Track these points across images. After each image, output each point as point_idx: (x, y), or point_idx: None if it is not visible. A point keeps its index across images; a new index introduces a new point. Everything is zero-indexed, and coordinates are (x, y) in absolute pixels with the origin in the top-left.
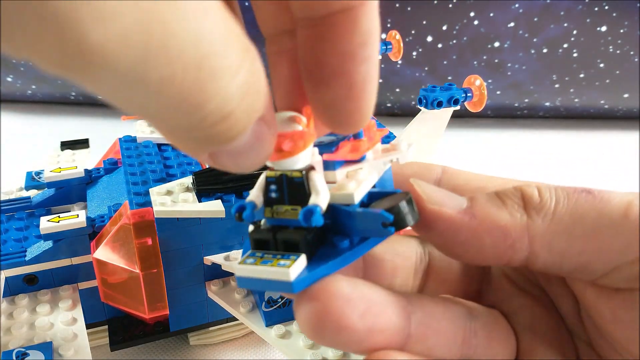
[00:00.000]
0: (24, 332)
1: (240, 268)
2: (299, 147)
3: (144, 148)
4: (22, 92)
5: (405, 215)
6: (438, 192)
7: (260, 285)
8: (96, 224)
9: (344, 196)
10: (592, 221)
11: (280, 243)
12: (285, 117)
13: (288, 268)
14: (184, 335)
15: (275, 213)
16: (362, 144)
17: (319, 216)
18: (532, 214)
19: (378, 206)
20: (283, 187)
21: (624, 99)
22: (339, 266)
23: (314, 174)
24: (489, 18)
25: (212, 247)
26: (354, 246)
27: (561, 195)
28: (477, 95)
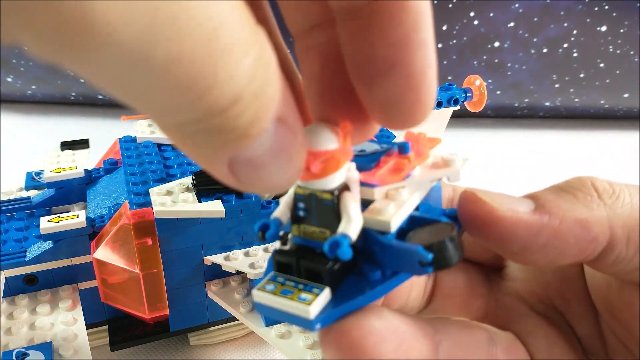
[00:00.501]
0: (24, 332)
1: (259, 295)
2: (330, 170)
3: (144, 148)
4: (22, 92)
5: (448, 254)
6: (506, 197)
7: (278, 316)
8: (96, 224)
9: (380, 223)
10: None
11: (303, 270)
12: (319, 130)
13: (308, 305)
14: (184, 335)
15: (302, 232)
16: (405, 164)
17: (347, 249)
18: (611, 204)
19: (418, 238)
20: (312, 207)
21: (624, 98)
22: (367, 302)
23: (346, 197)
24: (489, 18)
25: (212, 247)
26: (385, 279)
27: (633, 190)
28: (477, 95)
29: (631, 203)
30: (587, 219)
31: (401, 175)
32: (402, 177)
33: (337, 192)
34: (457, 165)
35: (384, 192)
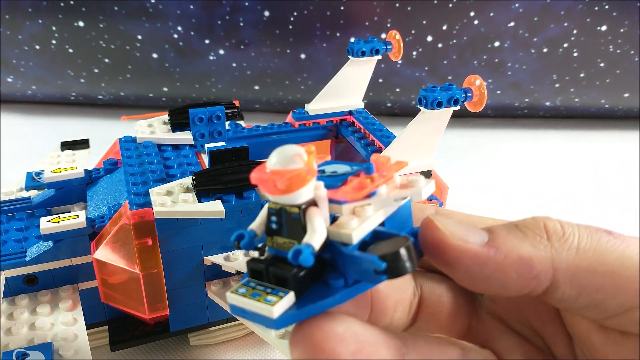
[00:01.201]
0: (24, 333)
1: (231, 297)
2: (295, 187)
3: (143, 148)
4: (23, 92)
5: (401, 263)
6: (459, 227)
7: (247, 316)
8: (96, 224)
9: (342, 235)
10: (613, 261)
11: (271, 276)
12: (289, 154)
13: (272, 306)
14: (184, 335)
15: (275, 243)
16: (368, 183)
17: (309, 256)
18: (557, 246)
19: (376, 250)
20: (282, 220)
21: (624, 98)
22: (328, 306)
23: (312, 212)
24: (489, 18)
25: (212, 247)
26: (347, 287)
27: (584, 232)
28: (477, 95)
29: (578, 247)
30: (530, 258)
31: (363, 193)
32: (363, 194)
33: (303, 207)
34: (420, 185)
35: (351, 208)
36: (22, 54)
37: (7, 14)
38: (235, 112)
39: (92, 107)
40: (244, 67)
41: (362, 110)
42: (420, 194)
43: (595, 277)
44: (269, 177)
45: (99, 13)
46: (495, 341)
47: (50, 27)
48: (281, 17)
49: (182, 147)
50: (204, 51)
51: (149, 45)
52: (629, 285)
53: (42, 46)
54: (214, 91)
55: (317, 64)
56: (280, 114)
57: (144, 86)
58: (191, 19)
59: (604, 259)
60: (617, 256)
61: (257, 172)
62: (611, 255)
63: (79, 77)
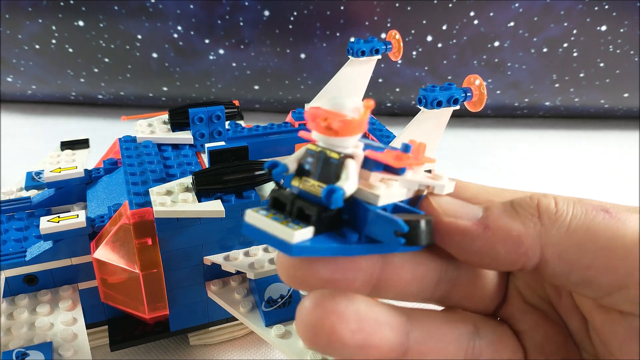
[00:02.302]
0: (24, 333)
1: (252, 215)
2: (346, 132)
3: (143, 148)
4: (22, 92)
5: (421, 233)
6: (452, 204)
7: (263, 237)
8: (96, 224)
9: (371, 195)
10: (605, 239)
11: (295, 209)
12: (349, 102)
13: (294, 231)
14: (184, 335)
15: (302, 184)
16: (406, 157)
17: (340, 197)
18: (546, 224)
19: (398, 216)
20: (319, 162)
21: (624, 98)
22: (341, 254)
23: (349, 162)
24: (489, 18)
25: (212, 247)
26: (360, 243)
27: (579, 210)
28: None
29: (568, 225)
30: (519, 235)
31: (401, 163)
32: (401, 164)
33: (343, 155)
34: (444, 181)
35: (378, 178)
36: (22, 54)
37: (7, 14)
38: (235, 112)
39: (92, 106)
40: (243, 66)
41: None
42: (443, 187)
43: (584, 254)
44: (324, 114)
45: (99, 12)
46: (517, 319)
47: (50, 26)
48: (281, 16)
49: (182, 147)
50: (203, 51)
51: (149, 44)
52: (619, 264)
53: (42, 46)
54: (214, 91)
55: (317, 64)
56: (280, 113)
57: (143, 86)
58: (191, 18)
59: (595, 237)
60: (609, 235)
61: (314, 109)
62: (603, 233)
63: (78, 77)
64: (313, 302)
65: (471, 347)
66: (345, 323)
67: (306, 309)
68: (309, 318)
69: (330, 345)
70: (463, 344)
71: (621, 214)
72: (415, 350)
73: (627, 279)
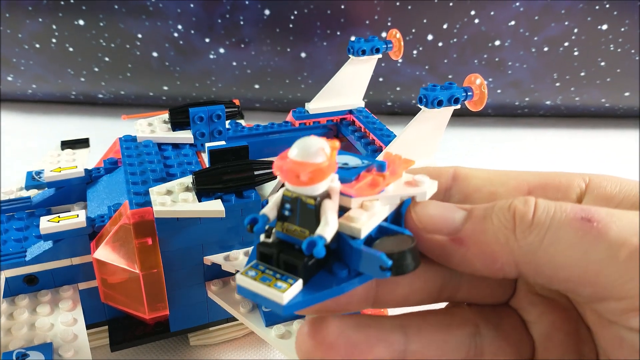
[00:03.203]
0: (24, 333)
1: (241, 279)
2: (316, 180)
3: (144, 148)
4: (23, 91)
5: (406, 262)
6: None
7: (256, 298)
8: (96, 224)
9: (352, 229)
10: (581, 253)
11: (281, 262)
12: (313, 147)
13: (283, 293)
14: (184, 335)
15: (285, 229)
16: (381, 181)
17: (322, 248)
18: (520, 238)
19: (382, 246)
20: (296, 208)
21: (625, 97)
22: (333, 295)
23: (326, 204)
24: (490, 16)
25: (212, 247)
26: (351, 277)
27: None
28: (477, 94)
29: (543, 239)
30: (492, 252)
31: (376, 190)
32: (377, 192)
33: (319, 199)
34: (425, 187)
35: (359, 202)
36: (22, 53)
37: (8, 13)
38: (236, 111)
39: (92, 106)
40: (244, 65)
41: (363, 109)
42: (425, 194)
43: (559, 270)
44: (291, 167)
45: (99, 12)
46: (526, 310)
47: (51, 25)
48: (281, 15)
49: (182, 146)
50: (204, 50)
51: (149, 43)
52: (595, 279)
53: (42, 45)
54: (214, 90)
55: (318, 63)
56: (280, 112)
57: (144, 85)
58: (191, 17)
59: (571, 251)
60: (584, 249)
61: (280, 160)
62: (578, 247)
63: (79, 76)
64: (306, 331)
65: (472, 349)
66: (335, 351)
67: (300, 338)
68: (303, 348)
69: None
70: (463, 347)
71: (605, 221)
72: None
73: (605, 292)
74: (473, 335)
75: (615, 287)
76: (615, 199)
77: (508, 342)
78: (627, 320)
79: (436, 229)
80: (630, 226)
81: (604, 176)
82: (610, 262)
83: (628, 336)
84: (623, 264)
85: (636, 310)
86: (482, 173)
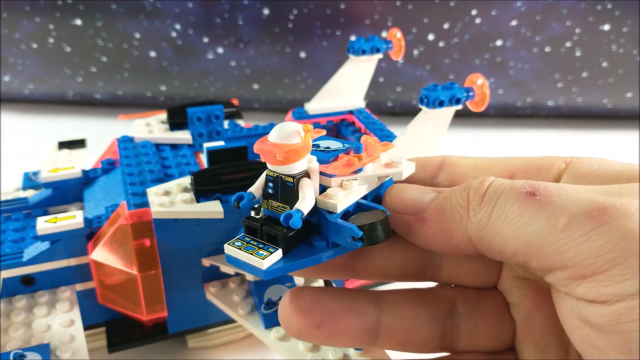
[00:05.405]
0: (21, 334)
1: (228, 248)
2: (291, 159)
3: (141, 148)
4: (19, 91)
5: (376, 233)
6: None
7: (240, 265)
8: (93, 224)
9: (330, 204)
10: (523, 226)
11: (264, 234)
12: (288, 130)
13: (262, 259)
14: (182, 337)
15: (270, 206)
16: (356, 161)
17: (298, 220)
18: (471, 214)
19: (356, 219)
20: (278, 187)
21: (627, 98)
22: (310, 264)
23: (304, 182)
24: (491, 16)
25: (210, 248)
26: (328, 248)
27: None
28: (479, 95)
29: (490, 214)
30: (449, 229)
31: (350, 170)
32: (351, 171)
33: (297, 177)
34: (402, 167)
35: (338, 182)
36: (19, 53)
37: (5, 12)
38: (234, 111)
39: (90, 106)
40: (243, 65)
41: (363, 110)
42: (401, 174)
43: (507, 244)
44: (269, 148)
45: (97, 11)
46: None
47: (48, 25)
48: (281, 15)
49: (181, 147)
50: (202, 50)
51: (147, 43)
52: (538, 250)
53: (39, 45)
54: (213, 90)
55: (317, 63)
56: (279, 113)
57: (141, 85)
58: (190, 17)
59: (514, 225)
60: (526, 221)
61: (260, 143)
62: (521, 220)
63: (76, 76)
64: (286, 300)
65: (448, 325)
66: (309, 319)
67: (281, 306)
68: (281, 316)
69: (301, 337)
70: (438, 323)
71: (549, 194)
72: (386, 334)
73: (549, 263)
74: (449, 312)
75: (557, 256)
76: (589, 177)
77: (485, 322)
78: (573, 289)
79: (405, 209)
80: (575, 198)
81: (586, 157)
82: (549, 232)
83: (575, 307)
84: (561, 233)
85: (579, 279)
86: (470, 160)
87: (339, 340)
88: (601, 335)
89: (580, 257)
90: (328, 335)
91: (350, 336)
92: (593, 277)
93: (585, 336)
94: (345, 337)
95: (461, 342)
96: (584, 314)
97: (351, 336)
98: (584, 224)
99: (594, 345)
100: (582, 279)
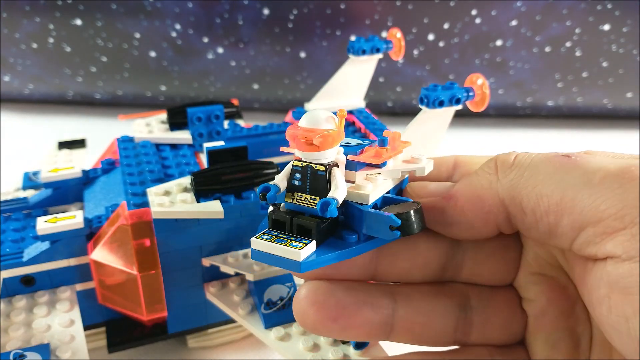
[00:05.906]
0: (21, 334)
1: (256, 242)
2: (327, 145)
3: (141, 148)
4: (19, 91)
5: (413, 222)
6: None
7: (271, 260)
8: (93, 224)
9: (360, 196)
10: (557, 181)
11: (295, 226)
12: (322, 116)
13: (300, 249)
14: (182, 337)
15: (295, 199)
16: (384, 152)
17: (335, 208)
18: (502, 177)
19: (390, 210)
20: (307, 177)
21: (627, 98)
22: (344, 257)
23: (336, 171)
24: (491, 16)
25: (210, 248)
26: (360, 242)
27: (537, 157)
28: (479, 95)
29: (522, 174)
30: (479, 196)
31: (380, 159)
32: (381, 160)
33: (329, 166)
34: (423, 163)
35: (364, 176)
36: (19, 53)
37: (5, 12)
38: (234, 111)
39: (90, 106)
40: (243, 65)
41: (363, 110)
42: (423, 169)
43: (540, 199)
44: (303, 133)
45: (97, 11)
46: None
47: (48, 25)
48: (281, 15)
49: (180, 147)
50: (202, 50)
51: (147, 43)
52: (572, 204)
53: (39, 45)
54: (213, 90)
55: (317, 63)
56: (279, 113)
57: (141, 85)
58: (190, 17)
59: (549, 180)
60: (561, 177)
61: (292, 129)
62: (555, 176)
63: (76, 76)
64: (301, 293)
65: (462, 318)
66: (325, 312)
67: (296, 300)
68: (297, 308)
69: (316, 331)
70: (451, 317)
71: (584, 157)
72: (401, 327)
73: (581, 218)
74: (462, 306)
75: (592, 209)
76: None
77: (498, 316)
78: (604, 246)
79: (429, 194)
80: (608, 159)
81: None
82: (585, 186)
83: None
84: (597, 187)
85: (613, 232)
86: (481, 159)
87: (354, 334)
88: (629, 301)
89: (615, 209)
90: (344, 328)
91: (366, 329)
92: (626, 229)
93: (613, 304)
94: (361, 330)
95: (473, 335)
96: (613, 278)
97: (367, 329)
98: (620, 178)
99: (621, 313)
100: (616, 232)
